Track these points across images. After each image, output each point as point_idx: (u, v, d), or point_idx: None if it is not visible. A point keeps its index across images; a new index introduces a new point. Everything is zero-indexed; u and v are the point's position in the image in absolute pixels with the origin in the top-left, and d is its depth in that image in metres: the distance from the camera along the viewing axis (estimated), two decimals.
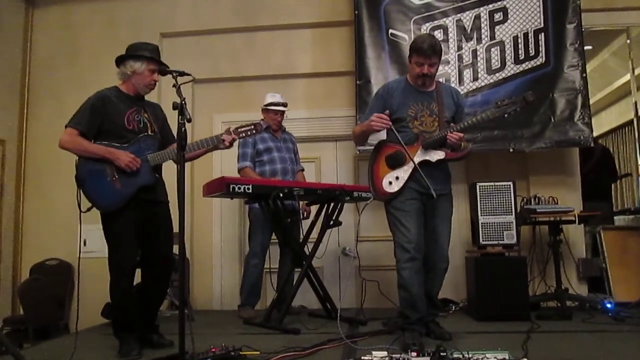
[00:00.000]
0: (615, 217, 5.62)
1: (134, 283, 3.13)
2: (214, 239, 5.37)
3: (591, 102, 4.88)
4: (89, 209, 3.00)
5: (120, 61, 3.16)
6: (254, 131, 3.31)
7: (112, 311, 3.24)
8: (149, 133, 3.15)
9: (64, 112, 5.24)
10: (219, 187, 3.72)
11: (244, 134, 3.28)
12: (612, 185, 6.18)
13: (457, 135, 3.19)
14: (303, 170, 4.76)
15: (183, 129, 2.57)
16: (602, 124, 5.91)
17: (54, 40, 5.65)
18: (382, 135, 3.48)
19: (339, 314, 3.44)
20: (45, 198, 5.41)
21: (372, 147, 3.54)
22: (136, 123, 3.12)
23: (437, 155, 3.29)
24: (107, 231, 3.05)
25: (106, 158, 2.99)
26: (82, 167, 3.02)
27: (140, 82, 3.14)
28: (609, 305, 4.16)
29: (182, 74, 2.74)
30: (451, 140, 3.20)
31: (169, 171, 3.17)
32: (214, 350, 2.75)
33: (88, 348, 3.16)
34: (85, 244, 5.06)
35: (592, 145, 4.76)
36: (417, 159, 3.26)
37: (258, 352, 2.89)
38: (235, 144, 3.50)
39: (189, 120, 2.61)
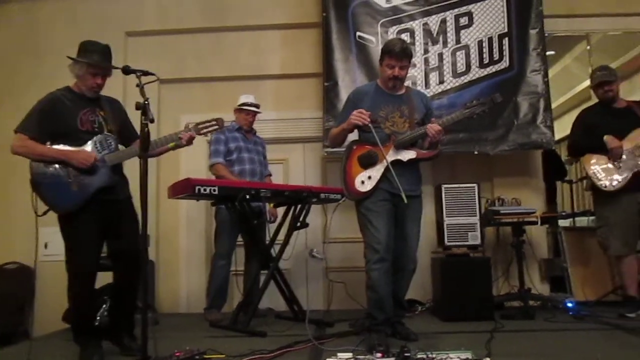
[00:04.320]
0: (576, 219, 5.76)
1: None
2: (181, 240, 5.31)
3: (553, 106, 5.01)
4: (45, 212, 2.92)
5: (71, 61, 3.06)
6: (216, 126, 3.25)
7: (71, 316, 3.15)
8: (105, 133, 3.05)
9: (25, 111, 5.15)
10: (185, 189, 3.67)
11: (205, 130, 3.22)
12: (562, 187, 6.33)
13: (437, 127, 3.24)
14: (271, 175, 4.74)
15: (146, 129, 2.53)
16: (564, 127, 6.03)
17: (15, 38, 5.48)
18: (355, 135, 3.51)
19: (307, 316, 3.44)
20: (3, 200, 5.25)
21: (341, 150, 3.56)
22: (90, 123, 3.02)
23: (408, 155, 3.34)
24: (64, 233, 2.96)
25: (60, 160, 2.91)
26: (36, 170, 2.93)
27: (82, 85, 3.05)
28: (569, 304, 4.29)
29: (145, 73, 2.70)
30: (430, 131, 3.24)
31: (134, 171, 3.10)
32: (178, 354, 2.72)
33: (48, 354, 3.09)
34: (46, 247, 4.96)
35: (553, 148, 4.87)
36: (390, 158, 3.29)
37: (223, 355, 2.86)
38: (201, 140, 3.44)
39: (152, 121, 2.57)
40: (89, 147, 2.98)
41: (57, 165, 2.91)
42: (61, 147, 2.94)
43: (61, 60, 5.21)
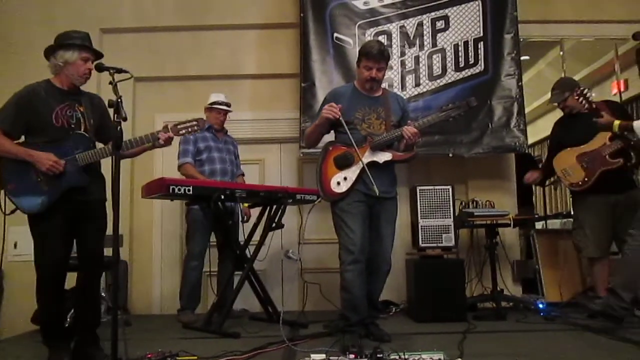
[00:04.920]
0: (548, 221, 5.86)
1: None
2: (154, 241, 5.24)
3: (527, 110, 5.08)
4: (12, 211, 2.85)
5: (50, 53, 2.96)
6: (195, 128, 3.16)
7: (39, 316, 3.05)
8: (81, 130, 2.96)
9: None
10: (159, 188, 3.63)
11: (184, 131, 3.14)
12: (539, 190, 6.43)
13: (413, 130, 3.26)
14: (243, 175, 4.72)
15: (119, 127, 2.49)
16: (538, 131, 6.13)
17: None
18: (331, 136, 3.53)
19: (281, 317, 3.43)
20: None
21: (317, 151, 3.57)
22: (67, 119, 2.92)
23: (384, 157, 3.36)
24: (33, 232, 2.87)
25: (26, 160, 2.82)
26: (4, 167, 2.86)
27: (73, 72, 2.94)
28: (541, 306, 4.35)
29: (119, 71, 2.67)
30: (406, 134, 3.26)
31: (107, 171, 3.05)
32: (150, 355, 2.69)
33: (16, 356, 3.02)
34: (15, 246, 4.86)
35: (526, 151, 4.95)
36: (365, 159, 3.31)
37: (196, 357, 2.83)
38: (176, 140, 3.39)
39: (125, 119, 2.54)
40: (63, 145, 2.89)
41: (27, 164, 2.83)
42: (30, 148, 2.85)
43: (34, 55, 5.12)
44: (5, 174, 2.86)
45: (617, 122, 3.48)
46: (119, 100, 2.51)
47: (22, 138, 2.95)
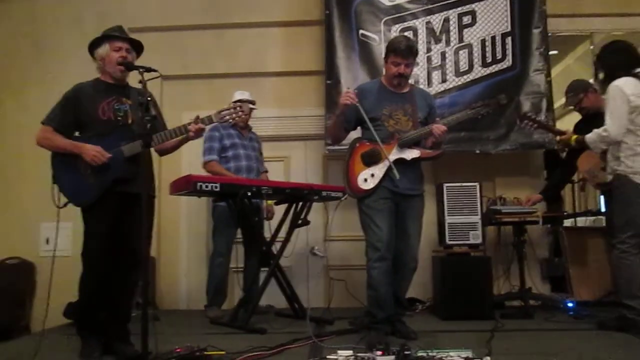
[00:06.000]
0: (577, 218, 5.75)
1: None
2: (181, 237, 5.31)
3: (555, 106, 4.99)
4: (65, 205, 2.92)
5: (91, 54, 3.05)
6: (240, 112, 3.12)
7: (77, 308, 3.12)
8: (128, 122, 3.00)
9: (28, 107, 5.19)
10: (186, 186, 3.67)
11: (228, 117, 3.10)
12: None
13: (443, 127, 3.25)
14: (267, 171, 4.74)
15: (149, 125, 2.52)
16: (566, 127, 6.01)
17: (17, 35, 5.49)
18: (358, 133, 3.52)
19: (307, 313, 3.44)
20: (6, 195, 5.26)
21: (342, 148, 3.56)
22: (113, 112, 2.97)
23: (412, 154, 3.34)
24: (84, 225, 2.95)
25: (74, 153, 2.90)
26: (56, 162, 2.97)
27: (109, 65, 2.99)
28: (569, 304, 4.27)
29: (148, 69, 2.69)
30: (436, 131, 3.24)
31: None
32: (178, 350, 2.71)
33: (49, 348, 3.08)
34: (47, 242, 4.98)
35: (555, 147, 4.87)
36: (393, 156, 3.29)
37: (223, 352, 2.86)
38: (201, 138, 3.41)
39: (154, 118, 2.57)
40: (109, 137, 2.94)
41: (75, 158, 2.90)
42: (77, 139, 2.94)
43: (63, 55, 5.24)
44: (57, 169, 2.96)
45: (573, 137, 3.75)
46: (149, 99, 2.54)
47: (76, 134, 3.03)
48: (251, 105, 4.52)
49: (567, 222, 5.59)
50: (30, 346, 2.90)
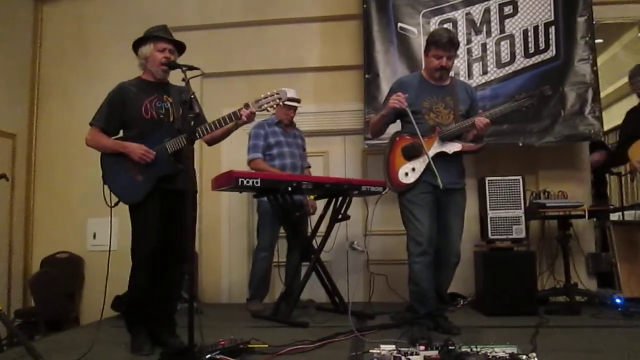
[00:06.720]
0: (625, 212, 5.57)
1: None
2: (223, 232, 5.39)
3: (602, 95, 4.84)
4: (116, 204, 3.00)
5: (135, 52, 3.12)
6: (278, 101, 3.09)
7: (127, 303, 3.22)
8: (170, 120, 3.07)
9: (74, 106, 5.36)
10: (228, 181, 3.73)
11: (266, 105, 3.08)
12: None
13: (486, 120, 3.21)
14: (310, 167, 4.75)
15: (192, 122, 2.57)
16: (612, 118, 5.84)
17: (63, 35, 5.68)
18: (398, 126, 3.49)
19: (349, 308, 3.45)
20: (55, 192, 5.45)
21: (382, 142, 3.55)
22: (155, 111, 3.04)
23: (453, 147, 3.31)
24: (132, 222, 3.03)
25: (122, 153, 2.98)
26: (105, 163, 3.05)
27: (153, 65, 3.06)
28: (618, 301, 4.15)
29: (190, 68, 2.74)
30: (479, 124, 3.20)
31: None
32: (222, 342, 2.76)
33: (98, 341, 3.18)
34: (95, 237, 5.14)
35: (601, 139, 4.73)
36: (434, 150, 3.28)
37: (266, 345, 2.91)
38: (242, 132, 3.42)
39: (197, 115, 2.61)
40: (153, 136, 3.00)
41: (122, 157, 2.98)
42: (127, 141, 3.00)
43: (107, 55, 5.38)
44: (106, 169, 3.04)
45: None
46: (192, 96, 2.59)
47: (121, 133, 3.11)
48: (297, 104, 4.51)
49: (614, 216, 5.42)
50: (82, 337, 3.00)
